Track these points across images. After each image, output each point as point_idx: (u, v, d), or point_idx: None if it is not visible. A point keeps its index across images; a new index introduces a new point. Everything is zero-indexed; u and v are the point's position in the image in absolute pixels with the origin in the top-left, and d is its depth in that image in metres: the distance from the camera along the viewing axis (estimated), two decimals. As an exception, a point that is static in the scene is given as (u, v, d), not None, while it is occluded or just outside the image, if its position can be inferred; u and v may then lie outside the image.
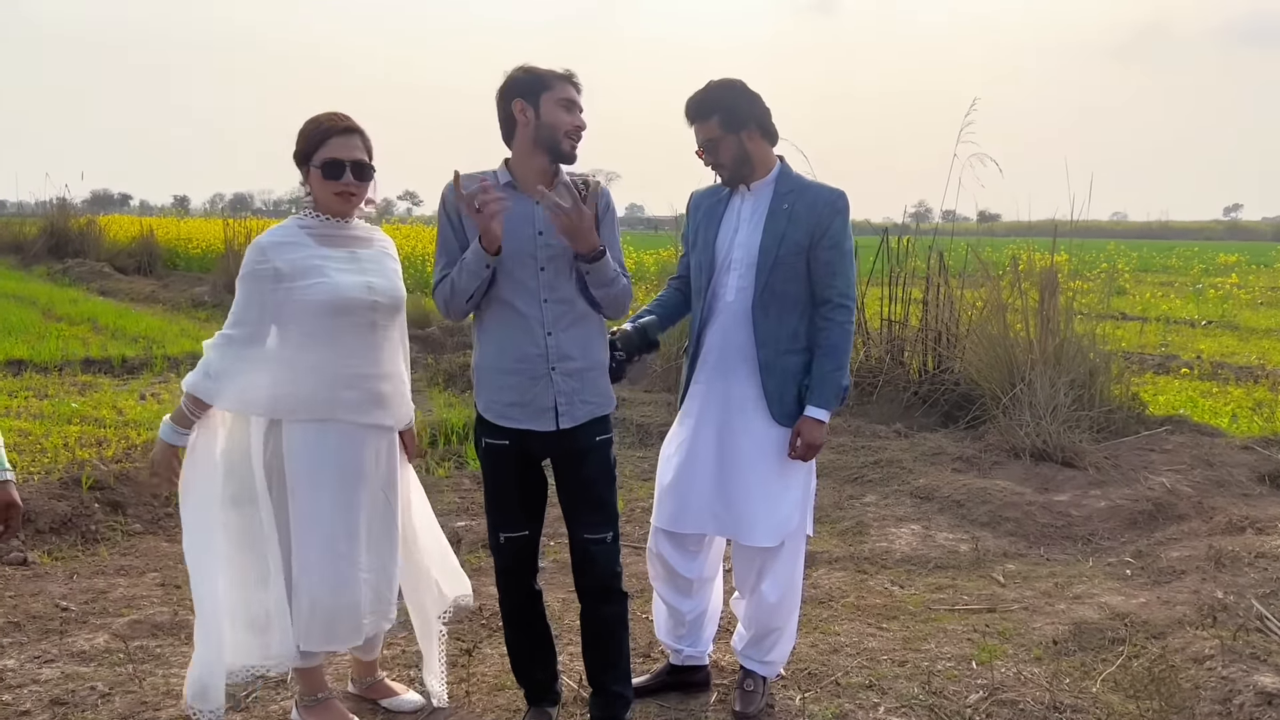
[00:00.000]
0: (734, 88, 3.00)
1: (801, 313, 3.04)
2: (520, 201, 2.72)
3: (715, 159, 3.04)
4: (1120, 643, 3.73)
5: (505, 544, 2.90)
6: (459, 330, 11.31)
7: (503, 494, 2.88)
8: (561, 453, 2.84)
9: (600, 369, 2.87)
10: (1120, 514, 5.26)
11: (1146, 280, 23.19)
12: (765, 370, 3.03)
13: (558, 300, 2.76)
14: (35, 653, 3.54)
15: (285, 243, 2.78)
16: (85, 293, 16.39)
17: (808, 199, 3.00)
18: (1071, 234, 7.26)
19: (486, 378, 2.82)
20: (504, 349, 2.77)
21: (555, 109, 2.71)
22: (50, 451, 5.93)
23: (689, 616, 3.31)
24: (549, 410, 2.77)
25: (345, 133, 2.78)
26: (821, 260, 2.99)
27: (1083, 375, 6.56)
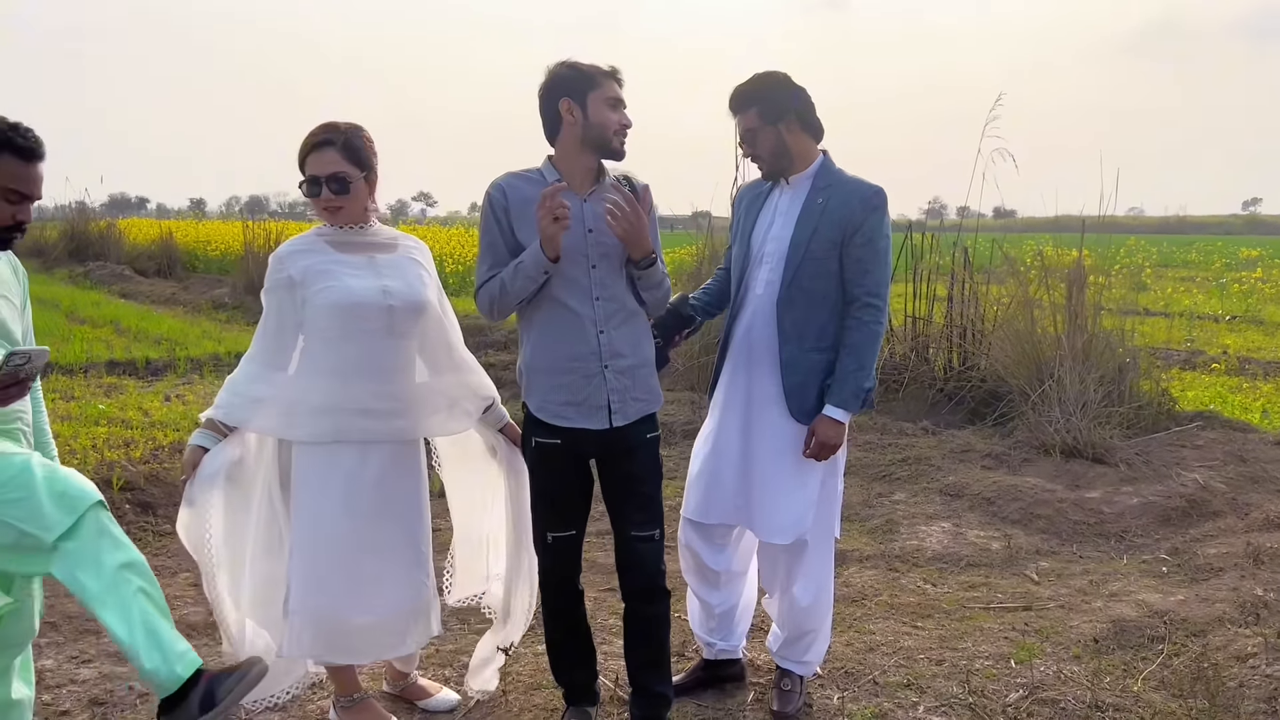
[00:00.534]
0: (776, 79, 2.98)
1: (831, 310, 2.98)
2: (569, 199, 2.70)
3: (754, 150, 3.02)
4: (1160, 641, 3.69)
5: (553, 543, 2.87)
6: (479, 330, 11.30)
7: (553, 493, 2.86)
8: (612, 450, 2.82)
9: (650, 366, 2.87)
10: (1153, 511, 5.21)
11: (1167, 275, 23.01)
12: (786, 367, 2.99)
13: (609, 298, 2.76)
14: (73, 652, 3.55)
15: (300, 250, 2.80)
16: (107, 295, 16.49)
17: (843, 194, 2.95)
18: (1090, 229, 7.21)
19: (539, 378, 2.80)
20: (557, 348, 2.75)
21: (603, 108, 2.70)
22: (79, 453, 5.95)
23: (718, 609, 3.30)
24: (602, 408, 2.76)
25: (318, 148, 2.75)
26: (854, 257, 2.93)
27: (1112, 371, 6.50)
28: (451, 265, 18.55)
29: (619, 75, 2.75)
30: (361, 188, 2.79)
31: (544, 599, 2.98)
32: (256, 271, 15.46)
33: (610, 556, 4.50)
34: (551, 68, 2.74)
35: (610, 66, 2.74)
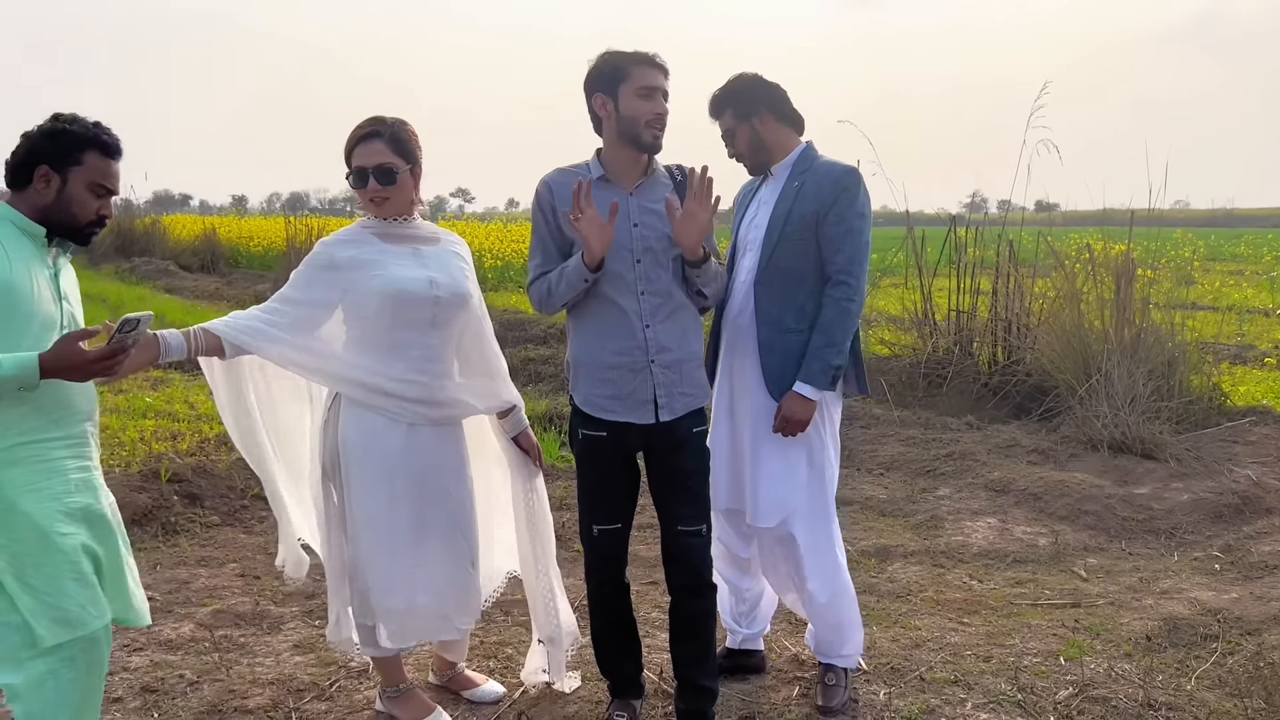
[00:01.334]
0: (745, 79, 3.09)
1: (809, 291, 3.00)
2: (613, 193, 2.72)
3: (734, 149, 3.12)
4: (1214, 639, 3.62)
5: (599, 536, 2.87)
6: (519, 325, 11.34)
7: (598, 486, 2.86)
8: (658, 445, 2.82)
9: (696, 360, 2.86)
10: (1204, 507, 5.12)
11: (1215, 269, 22.57)
12: (765, 348, 3.02)
13: (654, 292, 2.76)
14: (124, 641, 3.60)
15: (347, 240, 2.81)
16: (152, 290, 16.76)
17: (817, 176, 3.01)
18: (1137, 223, 7.09)
19: (585, 372, 2.81)
20: (603, 342, 2.76)
21: (633, 99, 2.69)
22: (128, 445, 6.04)
23: (748, 593, 3.36)
24: (649, 403, 2.76)
25: (365, 139, 2.77)
26: (827, 236, 2.97)
27: (1161, 365, 6.39)
28: (490, 260, 18.62)
29: (657, 60, 2.72)
30: (407, 179, 2.80)
31: (589, 592, 2.98)
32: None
33: (653, 550, 4.53)
34: (592, 60, 2.74)
35: (647, 52, 2.73)
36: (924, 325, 7.99)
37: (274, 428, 2.97)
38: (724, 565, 3.33)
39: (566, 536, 4.81)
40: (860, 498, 5.50)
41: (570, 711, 3.12)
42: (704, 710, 2.92)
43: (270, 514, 5.18)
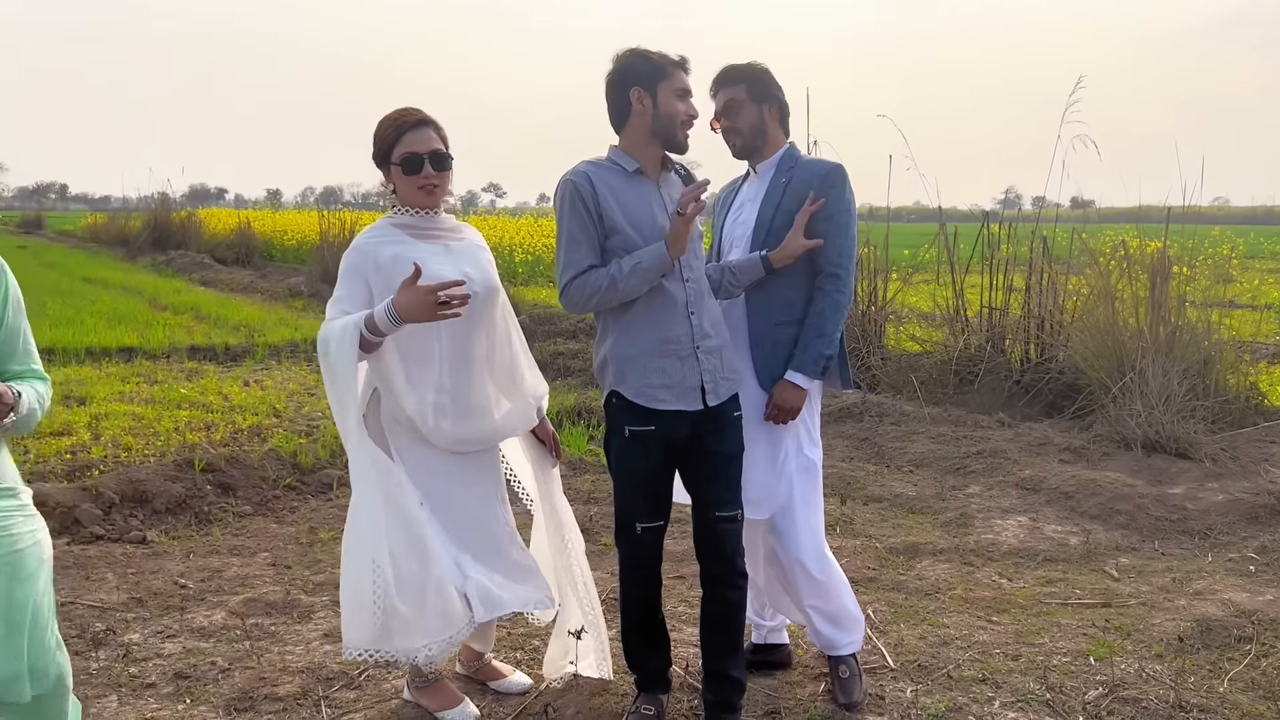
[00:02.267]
0: (764, 67, 3.14)
1: (797, 285, 3.07)
2: (645, 185, 2.77)
3: (733, 123, 3.10)
4: (1248, 641, 3.57)
5: (643, 534, 2.84)
6: (548, 319, 11.39)
7: (646, 482, 2.83)
8: (703, 430, 2.82)
9: (729, 347, 2.94)
10: (1240, 508, 5.05)
11: (1254, 267, 22.22)
12: (754, 342, 3.09)
13: (695, 279, 2.83)
14: (158, 628, 3.66)
15: (382, 241, 2.80)
16: (188, 283, 16.96)
17: (804, 173, 3.08)
18: (1174, 220, 7.00)
19: (634, 364, 2.78)
20: (651, 332, 2.76)
21: (672, 99, 2.73)
22: (163, 435, 6.14)
23: (764, 581, 3.35)
24: (696, 389, 2.79)
25: (418, 126, 2.78)
26: (816, 231, 3.02)
27: (1196, 364, 6.31)
28: (521, 255, 18.69)
29: (687, 65, 2.78)
30: (452, 170, 2.84)
31: (624, 589, 2.97)
32: (332, 260, 15.74)
33: (679, 545, 4.53)
34: (620, 55, 2.76)
35: (679, 56, 2.77)
36: (955, 322, 7.94)
37: None
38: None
39: (594, 530, 4.83)
40: (890, 495, 5.48)
41: (597, 704, 3.13)
42: (732, 702, 2.92)
43: (300, 504, 5.26)
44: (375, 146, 2.82)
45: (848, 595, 3.22)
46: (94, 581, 4.08)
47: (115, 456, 5.66)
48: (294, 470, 5.54)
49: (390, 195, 2.88)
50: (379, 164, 2.84)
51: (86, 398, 7.24)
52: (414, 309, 2.56)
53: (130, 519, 4.79)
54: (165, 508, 4.92)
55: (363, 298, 2.75)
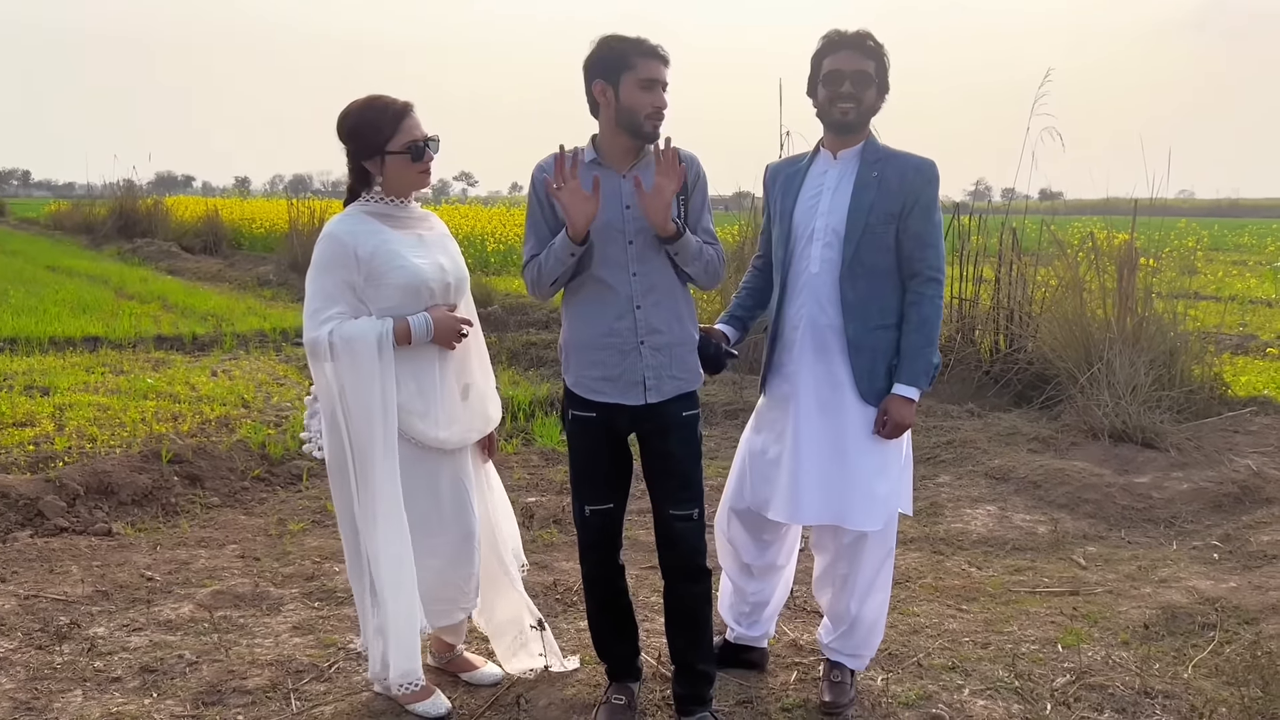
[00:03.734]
0: (889, 57, 2.92)
1: (892, 286, 2.90)
2: (608, 177, 2.71)
3: (857, 94, 2.86)
4: (1212, 628, 3.62)
5: (590, 516, 2.88)
6: (521, 309, 11.35)
7: (589, 466, 2.87)
8: (648, 427, 2.83)
9: (688, 345, 2.85)
10: (1204, 496, 5.12)
11: (1218, 259, 22.54)
12: (854, 347, 2.89)
13: (646, 274, 2.75)
14: (124, 621, 3.61)
15: (360, 230, 2.76)
16: (154, 272, 16.74)
17: (897, 166, 2.88)
18: (1140, 212, 7.07)
19: (576, 353, 2.82)
20: (594, 323, 2.77)
21: (635, 90, 2.66)
22: (129, 426, 6.06)
23: (753, 598, 3.27)
24: (637, 384, 2.77)
25: (409, 112, 2.76)
26: (912, 231, 2.86)
27: (1162, 355, 6.38)
28: (493, 244, 18.60)
29: (660, 51, 2.68)
30: None
31: (584, 573, 2.99)
32: (301, 249, 15.58)
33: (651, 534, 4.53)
34: (594, 43, 2.71)
35: (650, 43, 2.68)
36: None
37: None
38: (730, 565, 3.27)
39: (567, 521, 4.82)
40: (860, 484, 5.50)
41: (569, 694, 3.13)
42: (701, 694, 2.93)
43: (269, 495, 5.21)
44: (365, 138, 2.74)
45: (884, 612, 3.14)
46: (58, 574, 4.02)
47: (80, 448, 5.58)
48: (262, 461, 5.49)
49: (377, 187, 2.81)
50: (367, 156, 2.76)
51: (50, 388, 7.13)
52: (445, 332, 2.79)
53: (95, 511, 4.72)
54: (131, 499, 4.86)
55: (349, 293, 2.73)
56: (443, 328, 2.78)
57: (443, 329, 2.78)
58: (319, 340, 2.69)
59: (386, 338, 2.68)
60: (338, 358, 2.68)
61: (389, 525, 2.74)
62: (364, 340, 2.67)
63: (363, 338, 2.67)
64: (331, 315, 2.70)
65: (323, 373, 2.78)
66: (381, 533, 2.74)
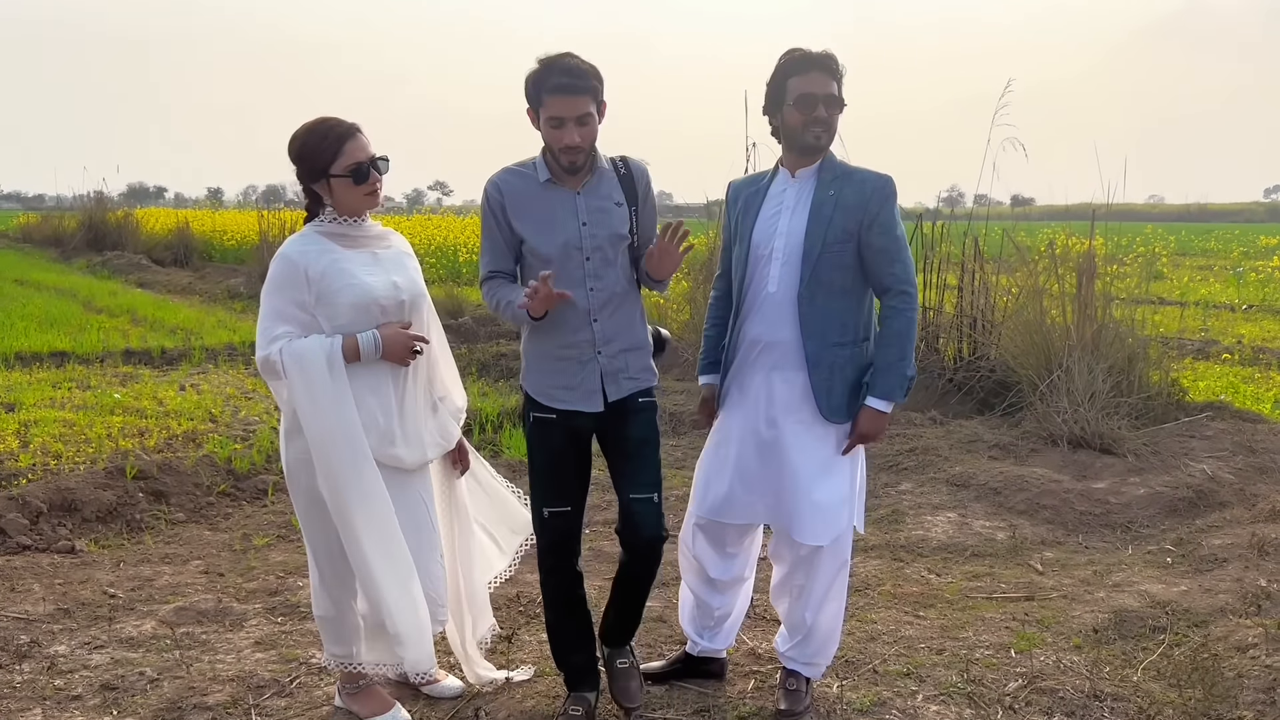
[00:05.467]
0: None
1: (849, 303, 2.94)
2: (563, 196, 2.81)
3: (829, 118, 2.89)
4: (1161, 631, 3.70)
5: (549, 519, 2.95)
6: (491, 320, 11.36)
7: (548, 467, 2.96)
8: (609, 422, 2.94)
9: (642, 348, 2.98)
10: (1160, 501, 5.21)
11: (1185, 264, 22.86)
12: (812, 364, 2.93)
13: (602, 288, 2.85)
14: (85, 639, 3.61)
15: (311, 250, 2.78)
16: (124, 285, 16.63)
17: (854, 184, 2.91)
18: (1107, 217, 7.18)
19: (535, 363, 2.94)
20: (553, 336, 2.87)
21: (546, 126, 2.74)
22: (94, 441, 6.04)
23: (717, 612, 3.29)
24: (596, 392, 2.89)
25: (353, 134, 2.77)
26: (875, 248, 2.89)
27: (1121, 361, 6.49)
28: (465, 255, 18.59)
29: (577, 85, 2.67)
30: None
31: (542, 579, 3.05)
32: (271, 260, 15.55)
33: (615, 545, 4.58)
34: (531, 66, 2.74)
35: (568, 76, 2.66)
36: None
37: None
38: (694, 580, 3.29)
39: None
40: (824, 493, 5.56)
41: (529, 706, 3.16)
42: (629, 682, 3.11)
43: (235, 510, 5.21)
44: (309, 162, 2.77)
45: (839, 622, 3.18)
46: (19, 593, 4.02)
47: (44, 464, 5.56)
48: (228, 476, 5.49)
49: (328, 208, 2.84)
50: (312, 179, 2.79)
51: (15, 404, 7.09)
52: (395, 349, 2.78)
53: (59, 528, 4.71)
54: (95, 516, 4.85)
55: (299, 312, 2.76)
56: (393, 344, 2.79)
57: (392, 345, 2.79)
58: (269, 357, 2.73)
59: (335, 354, 2.71)
60: (289, 374, 2.71)
61: (372, 529, 2.75)
62: (312, 357, 2.69)
63: (311, 354, 2.70)
64: (280, 334, 2.73)
65: (278, 389, 2.83)
66: (365, 539, 2.74)
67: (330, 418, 2.72)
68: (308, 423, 2.73)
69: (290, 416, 2.85)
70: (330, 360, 2.70)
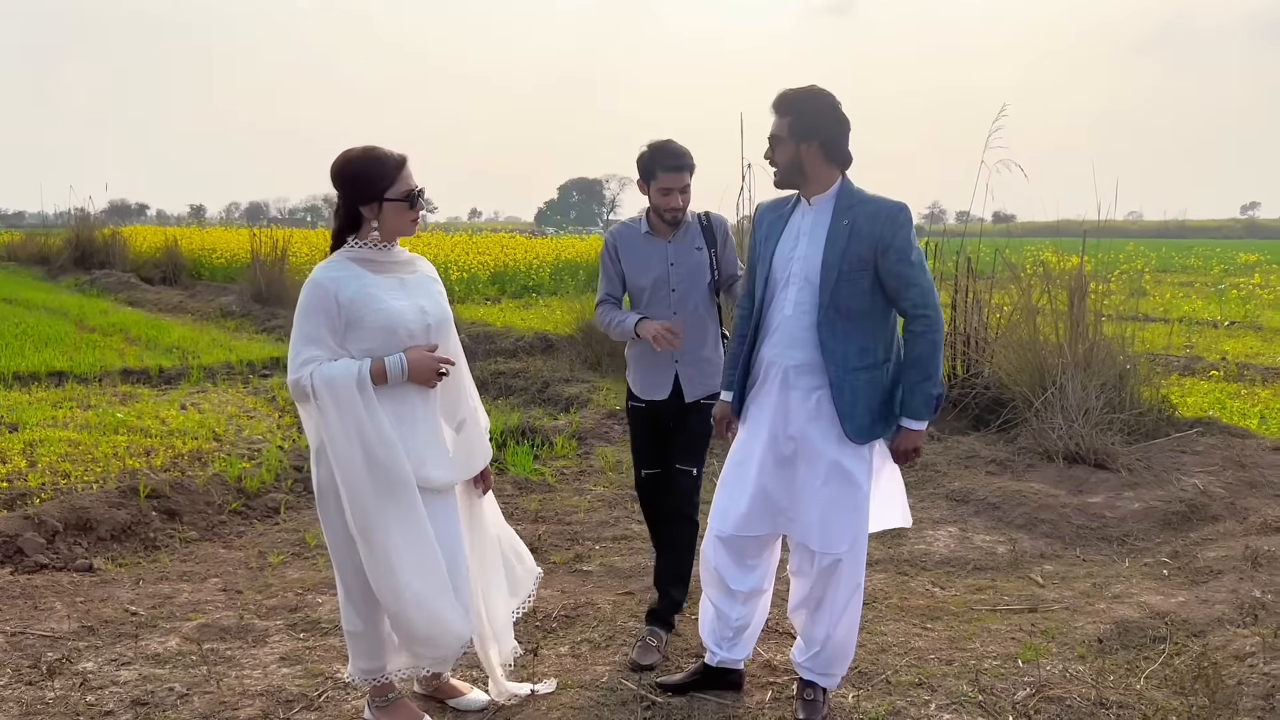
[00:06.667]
0: (821, 100, 3.04)
1: (869, 329, 3.05)
2: (657, 244, 3.80)
3: (771, 156, 3.11)
4: (1162, 641, 3.81)
5: (645, 478, 3.96)
6: (487, 338, 11.47)
7: (642, 441, 3.96)
8: (679, 412, 3.82)
9: (713, 363, 3.80)
10: (1154, 515, 5.34)
11: (1166, 281, 23.14)
12: (835, 388, 3.04)
13: (684, 313, 3.73)
14: (111, 655, 3.67)
15: (341, 276, 2.89)
16: (114, 303, 16.62)
17: (868, 212, 3.02)
18: (1090, 234, 7.34)
19: (634, 365, 3.90)
20: (646, 348, 3.75)
21: (658, 194, 3.69)
22: (102, 461, 6.09)
23: (736, 623, 3.37)
24: (670, 387, 3.79)
25: (405, 163, 2.94)
26: (892, 274, 3.00)
27: (1113, 378, 6.63)
28: (456, 273, 18.66)
29: (682, 163, 3.63)
30: None
31: (649, 522, 4.12)
32: (264, 279, 15.55)
33: (627, 561, 4.70)
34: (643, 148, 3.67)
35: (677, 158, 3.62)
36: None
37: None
38: (714, 591, 3.36)
39: (543, 549, 4.94)
40: (826, 508, 5.66)
41: (554, 718, 3.24)
42: (668, 618, 3.84)
43: (247, 528, 5.27)
44: (367, 184, 2.88)
45: (854, 633, 3.25)
46: (42, 611, 4.07)
47: (54, 484, 5.61)
48: (239, 495, 5.55)
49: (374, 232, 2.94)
50: (364, 201, 2.90)
51: (18, 424, 7.13)
52: (421, 372, 2.93)
53: (75, 547, 4.77)
54: (110, 535, 4.90)
55: (330, 336, 2.85)
56: (419, 367, 2.90)
57: (419, 368, 2.90)
58: (299, 381, 2.82)
59: (365, 377, 2.81)
60: (319, 397, 2.80)
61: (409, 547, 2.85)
62: (343, 380, 2.79)
63: (342, 378, 2.80)
64: (311, 357, 2.83)
65: (308, 412, 2.92)
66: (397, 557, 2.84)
67: (361, 440, 2.80)
68: (336, 445, 2.82)
69: (317, 440, 2.93)
70: (360, 383, 2.80)
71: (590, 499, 5.82)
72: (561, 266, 20.78)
